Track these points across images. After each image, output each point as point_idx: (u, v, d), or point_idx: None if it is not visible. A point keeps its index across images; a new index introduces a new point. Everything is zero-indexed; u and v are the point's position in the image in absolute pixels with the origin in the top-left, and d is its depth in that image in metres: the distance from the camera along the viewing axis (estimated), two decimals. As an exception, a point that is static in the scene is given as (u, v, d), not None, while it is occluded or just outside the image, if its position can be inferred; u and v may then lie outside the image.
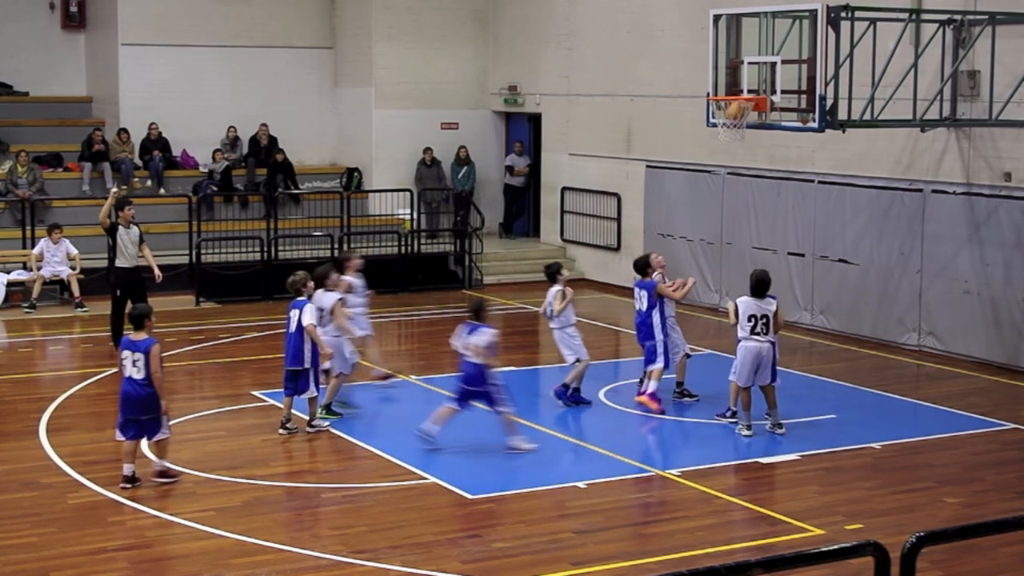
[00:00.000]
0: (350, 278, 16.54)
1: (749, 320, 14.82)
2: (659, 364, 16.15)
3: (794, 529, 11.90)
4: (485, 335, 14.03)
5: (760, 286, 14.95)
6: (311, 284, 15.22)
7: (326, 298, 15.35)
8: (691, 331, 21.66)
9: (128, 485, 12.85)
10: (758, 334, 14.77)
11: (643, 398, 16.24)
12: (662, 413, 15.98)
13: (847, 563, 5.93)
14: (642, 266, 16.51)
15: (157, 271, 19.48)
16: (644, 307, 16.31)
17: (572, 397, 16.32)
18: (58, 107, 28.69)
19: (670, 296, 16.31)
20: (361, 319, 16.84)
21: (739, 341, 14.93)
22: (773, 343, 14.85)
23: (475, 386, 14.18)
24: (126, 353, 12.80)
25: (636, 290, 16.58)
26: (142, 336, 12.86)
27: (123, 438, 12.84)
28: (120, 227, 19.04)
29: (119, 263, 19.01)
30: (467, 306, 15.88)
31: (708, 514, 12.44)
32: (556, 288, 16.37)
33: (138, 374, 12.70)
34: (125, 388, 12.79)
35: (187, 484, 13.09)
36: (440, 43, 28.80)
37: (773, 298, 15.00)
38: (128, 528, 12.01)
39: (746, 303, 14.93)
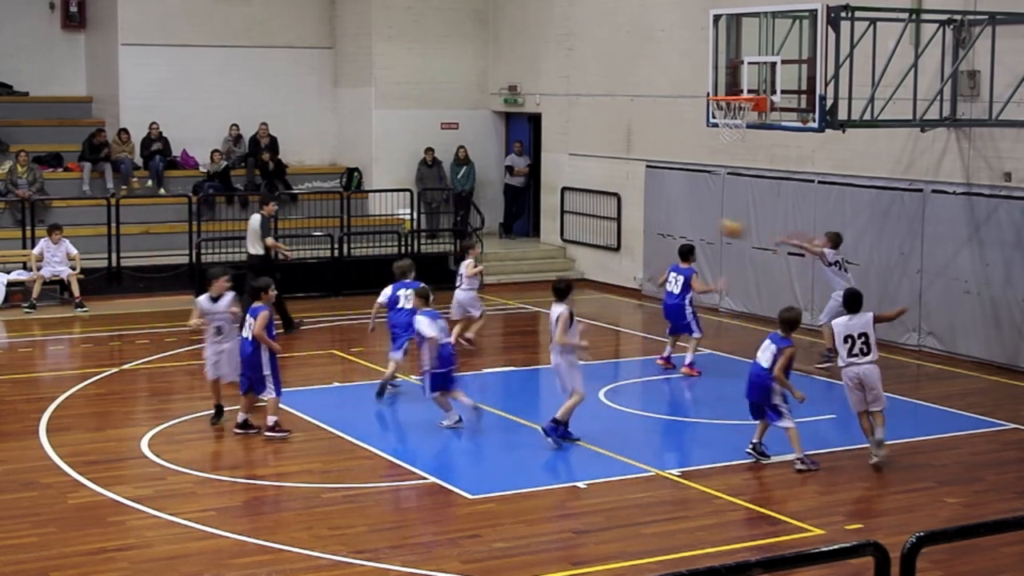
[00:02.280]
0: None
1: (845, 341, 13.76)
2: (697, 334, 18.17)
3: (794, 529, 11.90)
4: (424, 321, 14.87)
5: (854, 301, 13.98)
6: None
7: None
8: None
9: (240, 431, 14.80)
10: (856, 355, 13.76)
11: (687, 369, 18.06)
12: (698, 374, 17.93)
13: (847, 563, 5.93)
14: (686, 252, 18.41)
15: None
16: (678, 291, 18.07)
17: (561, 433, 14.58)
18: (58, 107, 28.68)
19: (699, 289, 18.31)
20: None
21: (841, 367, 14.03)
22: (874, 362, 13.77)
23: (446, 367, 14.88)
24: (248, 317, 14.80)
25: (672, 274, 18.17)
26: (259, 304, 14.76)
27: (240, 391, 14.90)
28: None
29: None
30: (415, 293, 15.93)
31: (708, 514, 12.44)
32: (560, 311, 14.46)
33: (247, 334, 14.69)
34: (240, 346, 14.90)
35: (187, 484, 13.10)
36: (440, 43, 28.79)
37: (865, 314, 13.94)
38: (128, 528, 12.01)
39: (840, 324, 13.93)
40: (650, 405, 16.94)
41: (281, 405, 14.98)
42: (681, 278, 18.07)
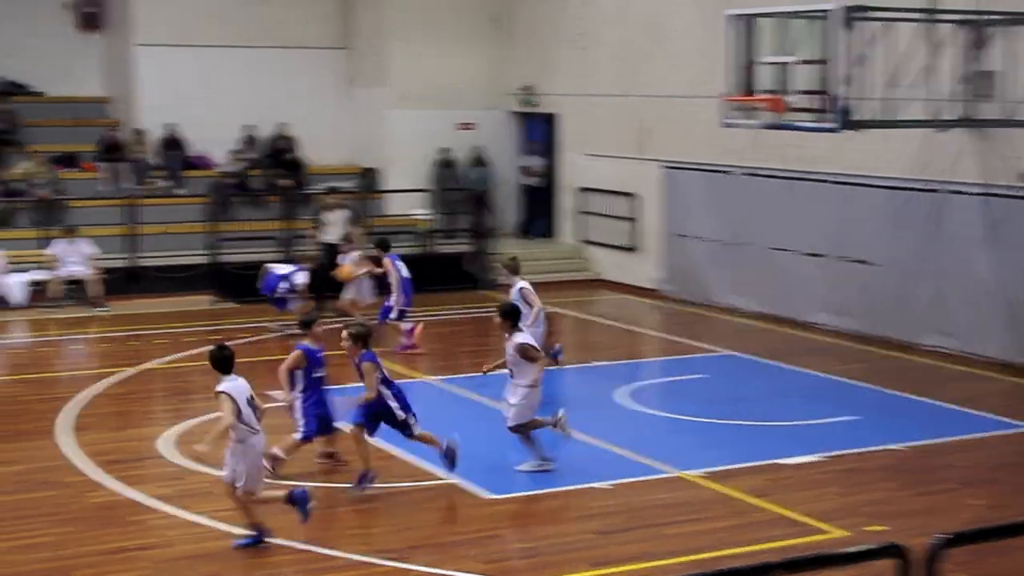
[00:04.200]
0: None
1: None
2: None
3: (815, 530, 11.87)
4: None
5: None
6: None
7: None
8: (710, 332, 21.72)
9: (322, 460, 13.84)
10: None
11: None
12: None
13: (869, 565, 5.89)
14: None
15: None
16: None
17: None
18: (74, 107, 28.73)
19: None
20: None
21: None
22: None
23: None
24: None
25: None
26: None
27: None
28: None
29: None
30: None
31: (729, 515, 12.41)
32: (517, 342, 13.40)
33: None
34: None
35: (206, 483, 13.09)
36: (455, 43, 28.79)
37: None
38: (148, 527, 12.02)
39: None
40: (670, 406, 16.91)
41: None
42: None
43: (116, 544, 11.49)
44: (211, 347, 11.63)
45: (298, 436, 13.33)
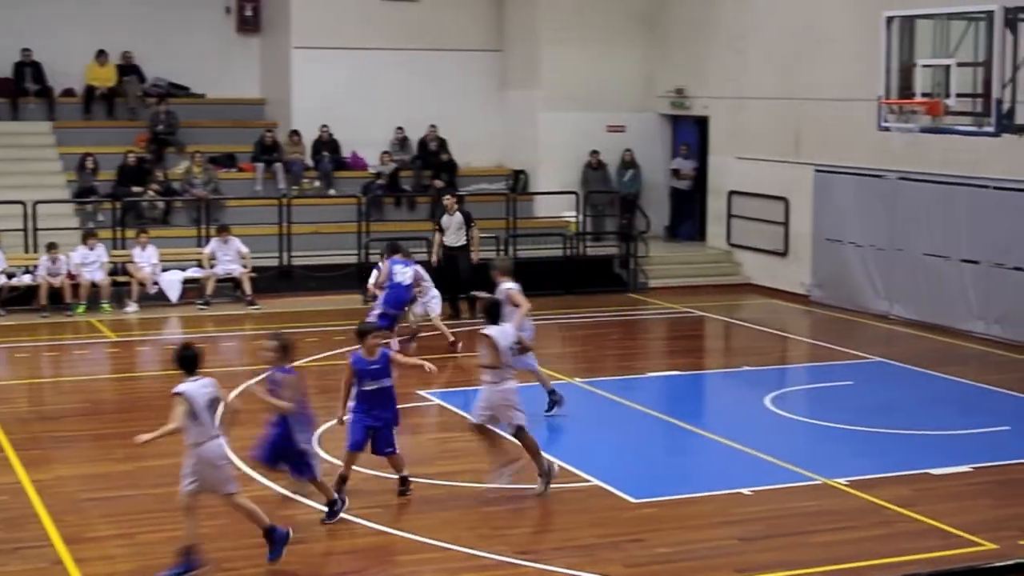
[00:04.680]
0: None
1: None
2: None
3: (966, 543, 11.61)
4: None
5: None
6: None
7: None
8: (860, 338, 21.39)
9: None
10: None
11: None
12: None
13: (1023, 579, 5.78)
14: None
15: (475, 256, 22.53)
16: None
17: None
18: (232, 109, 29.34)
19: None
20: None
21: None
22: None
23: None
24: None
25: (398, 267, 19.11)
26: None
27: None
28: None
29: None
30: None
31: (875, 525, 12.22)
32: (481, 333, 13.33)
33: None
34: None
35: (354, 481, 13.24)
36: (607, 45, 28.75)
37: None
38: (297, 522, 12.19)
39: None
40: (817, 412, 16.70)
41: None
42: (409, 271, 19.02)
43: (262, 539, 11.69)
44: (177, 346, 11.13)
45: (345, 448, 12.84)
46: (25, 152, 26.73)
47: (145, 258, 23.24)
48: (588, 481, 13.35)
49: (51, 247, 22.45)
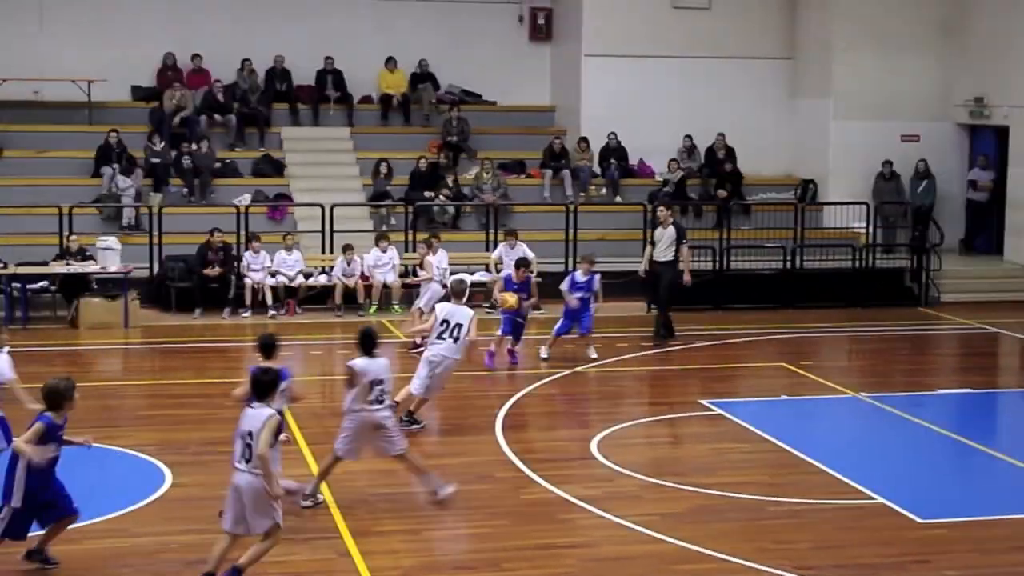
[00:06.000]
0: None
1: None
2: None
3: None
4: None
5: None
6: None
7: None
8: None
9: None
10: None
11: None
12: None
13: None
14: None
15: (687, 275, 21.49)
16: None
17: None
18: (522, 116, 29.78)
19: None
20: None
21: None
22: None
23: None
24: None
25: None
26: None
27: None
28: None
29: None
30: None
31: None
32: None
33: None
34: None
35: (633, 488, 13.28)
36: (903, 53, 28.02)
37: None
38: (576, 527, 12.30)
39: None
40: None
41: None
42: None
43: (545, 540, 11.81)
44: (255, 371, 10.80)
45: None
46: (325, 156, 27.72)
47: (435, 261, 23.73)
48: (873, 499, 13.02)
49: (347, 248, 23.19)
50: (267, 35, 28.62)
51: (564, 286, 19.70)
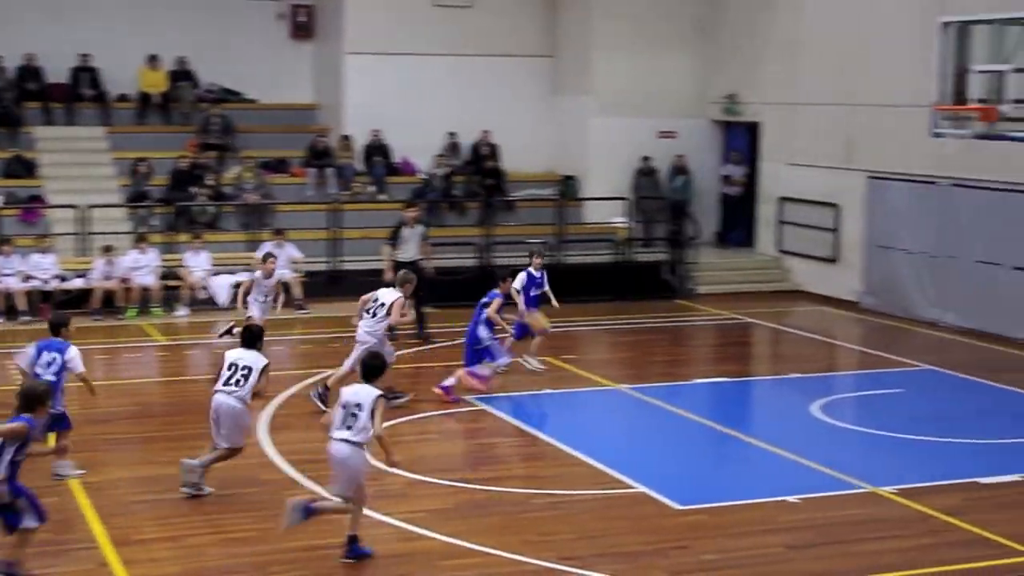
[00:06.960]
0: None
1: None
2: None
3: (1015, 553, 11.52)
4: None
5: None
6: None
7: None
8: (911, 346, 21.25)
9: None
10: None
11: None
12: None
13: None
14: None
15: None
16: None
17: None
18: (285, 114, 29.51)
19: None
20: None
21: None
22: None
23: None
24: None
25: None
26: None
27: None
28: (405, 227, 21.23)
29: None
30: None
31: (923, 534, 12.13)
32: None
33: None
34: None
35: (399, 485, 13.29)
36: (660, 51, 28.69)
37: None
38: (343, 527, 12.17)
39: None
40: (866, 420, 16.60)
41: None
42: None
43: (312, 542, 11.70)
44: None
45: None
46: (80, 157, 26.94)
47: (197, 263, 23.39)
48: (633, 488, 13.32)
49: (107, 250, 22.65)
50: (18, 33, 27.68)
51: (517, 285, 18.51)
